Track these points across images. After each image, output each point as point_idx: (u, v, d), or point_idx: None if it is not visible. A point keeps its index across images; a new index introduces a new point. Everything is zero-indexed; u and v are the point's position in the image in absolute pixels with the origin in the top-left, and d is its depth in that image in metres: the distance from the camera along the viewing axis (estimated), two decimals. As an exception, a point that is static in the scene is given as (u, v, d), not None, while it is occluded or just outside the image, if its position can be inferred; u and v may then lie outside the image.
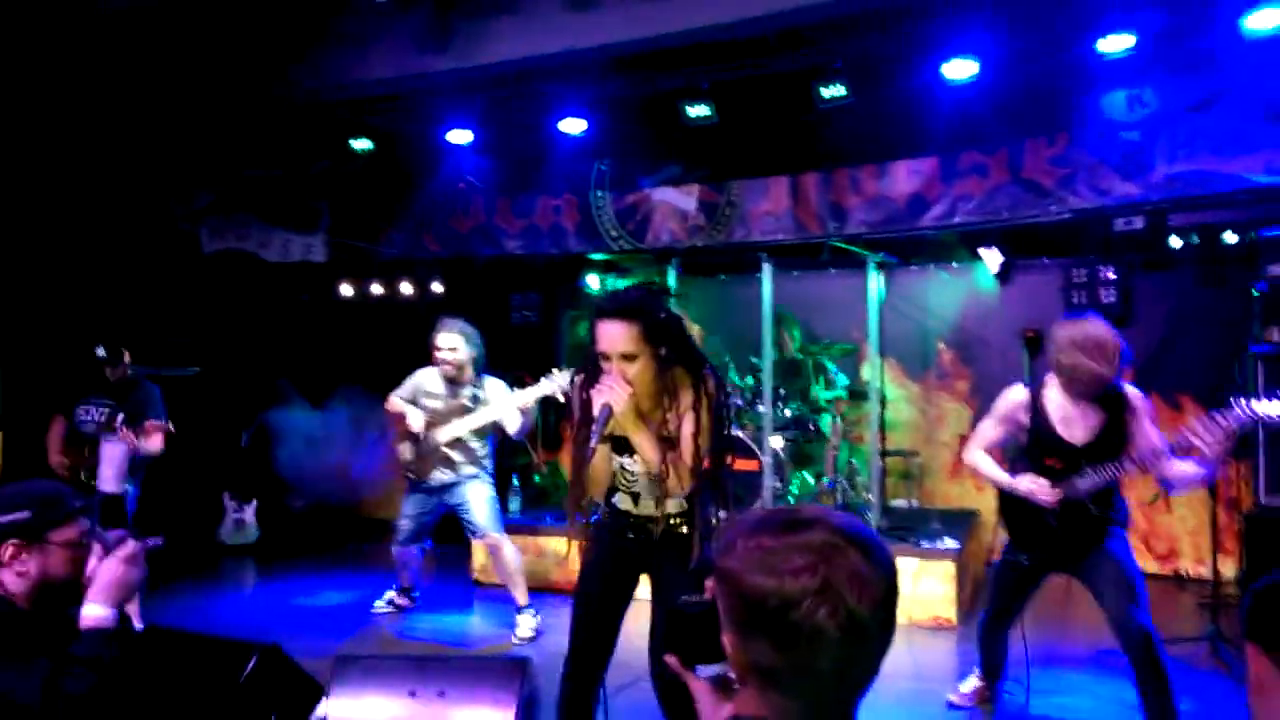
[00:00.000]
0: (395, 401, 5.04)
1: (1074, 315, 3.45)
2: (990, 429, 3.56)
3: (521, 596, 4.91)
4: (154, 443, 4.74)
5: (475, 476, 4.99)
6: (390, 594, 5.36)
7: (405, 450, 5.01)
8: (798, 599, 1.01)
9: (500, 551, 4.93)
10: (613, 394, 2.56)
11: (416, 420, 4.89)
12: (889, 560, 1.07)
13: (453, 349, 4.85)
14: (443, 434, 4.90)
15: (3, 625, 1.85)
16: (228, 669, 2.43)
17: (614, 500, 2.85)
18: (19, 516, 1.93)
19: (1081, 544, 3.32)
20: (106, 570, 1.90)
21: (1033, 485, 3.30)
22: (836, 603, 1.01)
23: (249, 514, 7.19)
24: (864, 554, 1.05)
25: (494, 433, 5.04)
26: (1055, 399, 3.34)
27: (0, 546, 1.90)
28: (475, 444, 4.99)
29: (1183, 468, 3.10)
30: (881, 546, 1.08)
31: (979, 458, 3.54)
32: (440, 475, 4.97)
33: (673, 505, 2.76)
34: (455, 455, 4.94)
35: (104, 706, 1.75)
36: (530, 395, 4.69)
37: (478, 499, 4.94)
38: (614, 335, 2.59)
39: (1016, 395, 3.48)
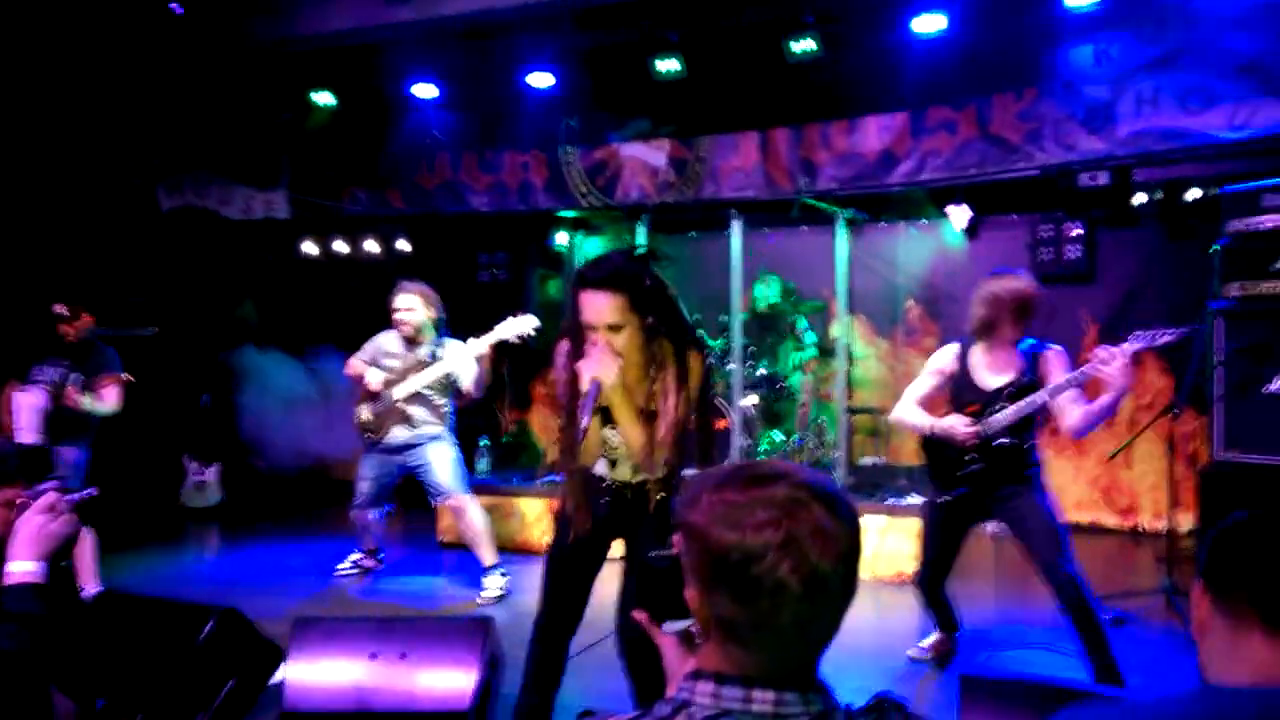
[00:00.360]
0: (355, 363, 5.00)
1: (1000, 271, 3.66)
2: (921, 383, 3.70)
3: (488, 556, 4.89)
4: (109, 396, 4.65)
5: (436, 437, 4.93)
6: (355, 556, 5.33)
7: (363, 410, 4.97)
8: (760, 553, 1.01)
9: (465, 512, 4.89)
10: (600, 367, 2.48)
11: (375, 378, 4.87)
12: (853, 516, 1.07)
13: (410, 310, 4.84)
14: (400, 390, 4.86)
15: None
16: (185, 632, 2.40)
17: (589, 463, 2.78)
18: None
19: (1001, 480, 3.45)
20: (26, 523, 1.83)
21: (951, 422, 3.46)
22: (799, 557, 1.00)
23: (211, 476, 7.12)
24: (828, 509, 1.04)
25: (453, 392, 4.97)
26: (980, 352, 3.55)
27: None
28: (437, 400, 4.92)
29: (1084, 408, 3.30)
30: (846, 502, 1.07)
31: (905, 410, 3.66)
32: (399, 434, 4.90)
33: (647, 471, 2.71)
34: (414, 412, 4.88)
35: (38, 664, 1.70)
36: (485, 341, 4.65)
37: (440, 459, 4.89)
38: (599, 306, 2.50)
39: (948, 349, 3.69)
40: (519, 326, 4.60)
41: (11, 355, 4.89)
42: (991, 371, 3.51)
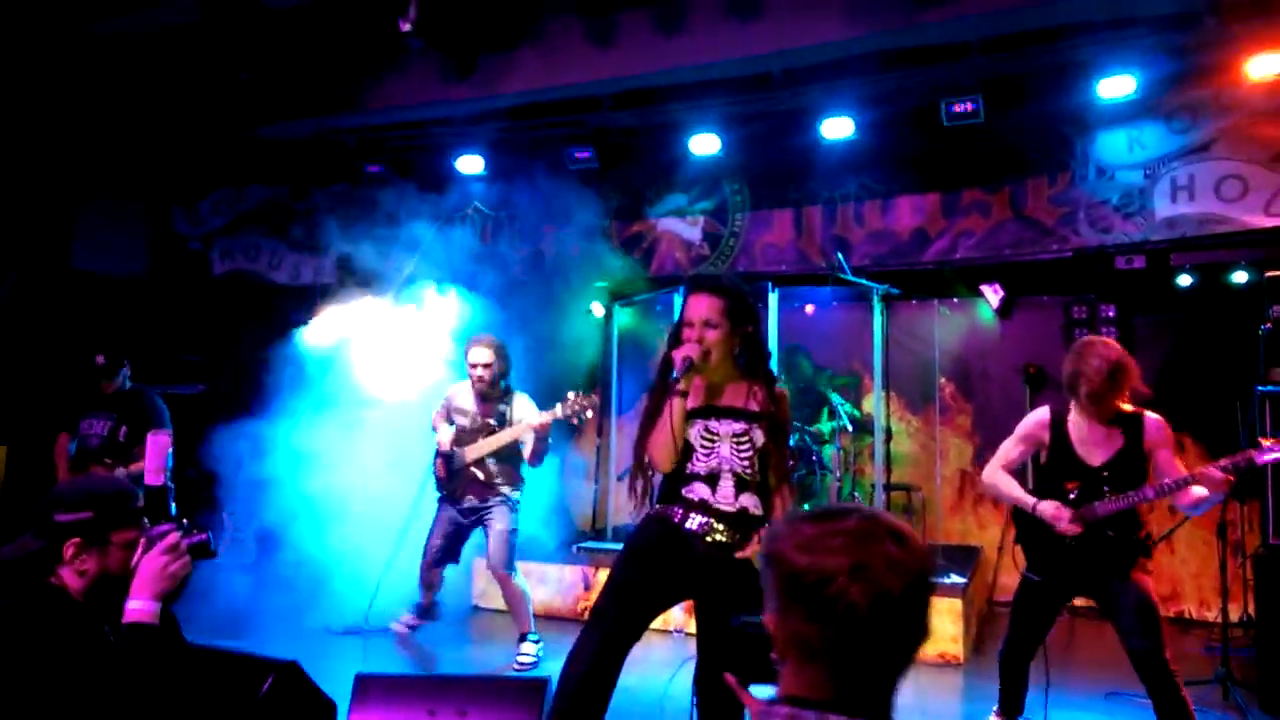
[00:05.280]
0: (436, 419, 4.98)
1: (1090, 336, 3.59)
2: (1011, 448, 3.55)
3: (525, 623, 4.79)
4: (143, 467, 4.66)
5: (504, 501, 4.82)
6: (406, 616, 5.06)
7: (439, 467, 4.91)
8: (832, 575, 1.10)
9: (508, 584, 4.79)
10: (690, 347, 2.67)
11: (445, 436, 4.84)
12: (921, 549, 1.15)
13: (487, 365, 4.77)
14: (470, 453, 4.80)
15: (58, 618, 1.83)
16: (245, 685, 2.41)
17: (687, 491, 2.74)
18: (82, 516, 1.92)
19: (1100, 568, 3.31)
20: (149, 563, 1.88)
21: (1054, 512, 3.30)
22: (868, 581, 1.09)
23: (249, 534, 7.12)
24: (896, 541, 1.13)
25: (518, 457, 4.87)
26: (1077, 421, 3.38)
27: (63, 545, 1.90)
28: (504, 466, 4.83)
29: (1195, 494, 3.19)
30: (913, 536, 1.16)
31: (999, 477, 3.52)
32: (471, 494, 4.83)
33: (750, 499, 2.72)
34: (482, 476, 4.80)
35: (140, 704, 1.73)
36: (547, 416, 4.60)
37: (497, 529, 4.77)
38: (699, 304, 2.73)
39: (1040, 414, 3.50)
40: (577, 406, 4.52)
41: (61, 407, 4.98)
42: (1090, 445, 3.33)
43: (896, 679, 1.14)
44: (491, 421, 4.80)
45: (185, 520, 2.00)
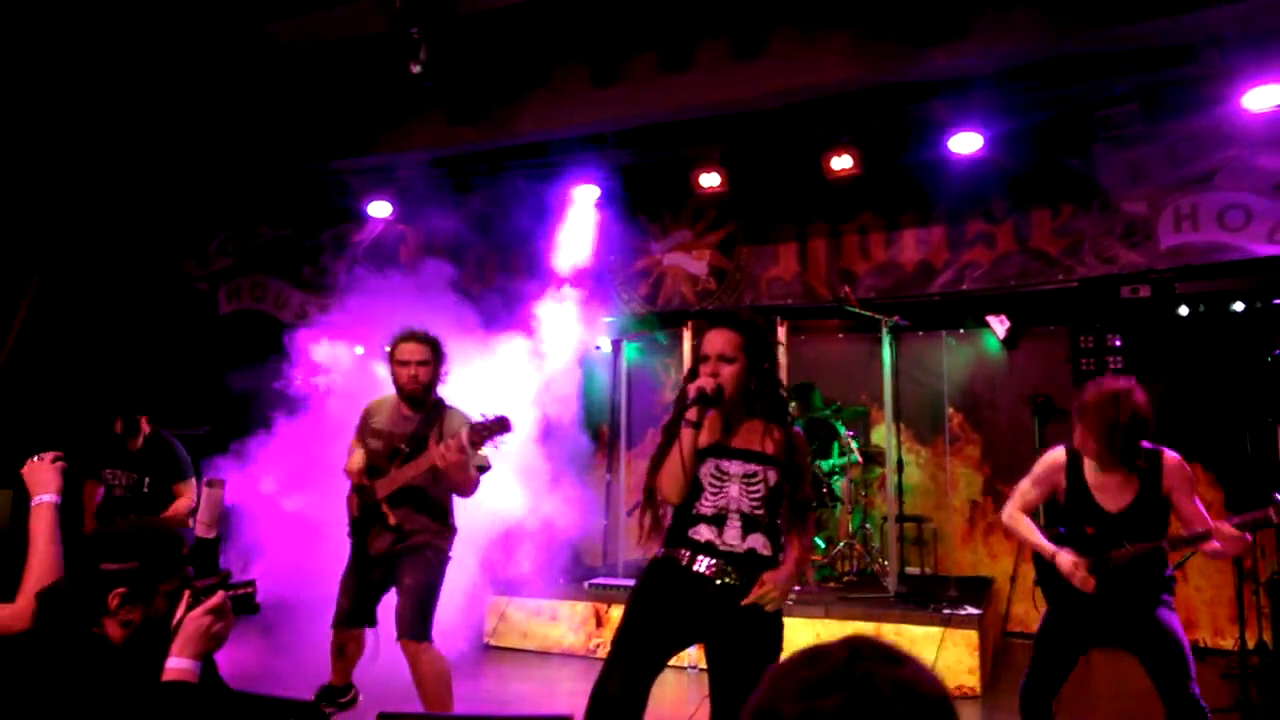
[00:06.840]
0: (350, 461, 3.88)
1: (1100, 379, 3.38)
2: (1028, 489, 3.49)
3: (445, 706, 3.66)
4: (184, 505, 4.67)
5: (422, 548, 3.72)
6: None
7: (352, 504, 3.86)
8: (834, 717, 0.97)
9: (417, 660, 3.63)
10: (705, 380, 2.68)
11: (355, 462, 3.77)
12: (925, 668, 1.04)
13: (423, 362, 3.73)
14: (382, 485, 3.71)
15: (99, 670, 1.81)
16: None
17: (693, 533, 2.72)
18: (128, 566, 1.90)
19: (1123, 614, 3.26)
20: (192, 622, 1.86)
21: (1070, 568, 3.24)
22: (878, 712, 0.97)
23: (252, 574, 7.07)
24: (893, 662, 1.02)
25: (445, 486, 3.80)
26: (1093, 464, 3.32)
27: (108, 595, 1.88)
28: (431, 495, 3.75)
29: (1211, 548, 3.14)
30: (911, 657, 1.05)
31: (1018, 519, 3.46)
32: (383, 539, 3.73)
33: (758, 539, 2.69)
34: (400, 513, 3.70)
35: None
36: (452, 452, 3.49)
37: (405, 584, 3.65)
38: (715, 338, 2.74)
39: (1055, 457, 3.43)
40: (488, 430, 3.52)
41: (82, 455, 4.94)
42: (1108, 491, 3.27)
43: None
44: (403, 447, 3.72)
45: (230, 572, 1.99)
